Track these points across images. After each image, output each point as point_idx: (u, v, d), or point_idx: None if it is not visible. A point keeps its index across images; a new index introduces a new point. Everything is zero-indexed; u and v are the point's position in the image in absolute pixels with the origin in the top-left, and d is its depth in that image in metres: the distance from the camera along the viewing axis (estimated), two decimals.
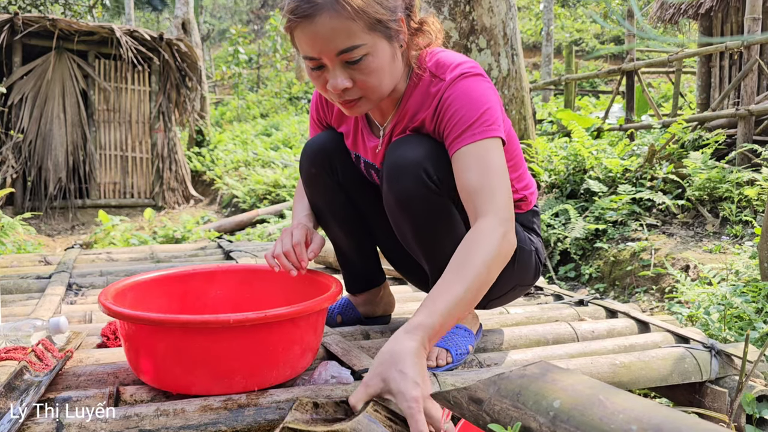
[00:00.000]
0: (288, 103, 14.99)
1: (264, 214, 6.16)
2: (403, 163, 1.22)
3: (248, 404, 1.13)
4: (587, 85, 12.75)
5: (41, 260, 2.80)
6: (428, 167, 1.21)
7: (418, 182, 1.21)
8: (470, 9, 3.75)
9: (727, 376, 1.44)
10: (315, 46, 1.12)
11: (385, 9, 1.13)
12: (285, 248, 1.30)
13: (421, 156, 1.22)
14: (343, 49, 1.11)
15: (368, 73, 1.15)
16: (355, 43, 1.11)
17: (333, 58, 1.12)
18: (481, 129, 1.18)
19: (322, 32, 1.09)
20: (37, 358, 1.23)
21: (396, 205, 1.26)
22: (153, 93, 8.52)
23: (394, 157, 1.24)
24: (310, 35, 1.11)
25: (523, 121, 4.04)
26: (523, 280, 1.45)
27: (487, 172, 1.16)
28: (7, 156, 7.30)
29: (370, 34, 1.12)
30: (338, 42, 1.10)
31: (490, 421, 0.92)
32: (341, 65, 1.14)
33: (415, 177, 1.21)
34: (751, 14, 4.42)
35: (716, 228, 3.08)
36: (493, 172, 1.16)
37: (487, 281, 1.11)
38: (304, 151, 1.47)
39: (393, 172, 1.24)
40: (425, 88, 1.26)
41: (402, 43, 1.20)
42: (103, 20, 13.91)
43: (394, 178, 1.24)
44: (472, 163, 1.17)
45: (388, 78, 1.19)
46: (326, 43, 1.10)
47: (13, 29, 7.34)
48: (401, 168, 1.22)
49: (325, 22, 1.09)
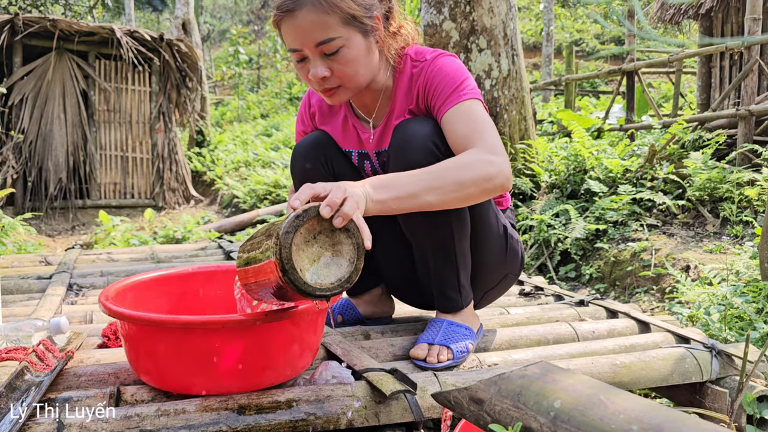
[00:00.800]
0: (288, 104, 15.00)
1: (264, 214, 6.16)
2: (412, 137, 1.30)
3: (249, 404, 1.13)
4: (587, 85, 12.75)
5: (42, 260, 2.80)
6: (437, 140, 1.30)
7: (428, 153, 1.28)
8: (471, 9, 3.75)
9: (727, 376, 1.44)
10: (297, 39, 1.24)
11: (359, 6, 1.25)
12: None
13: (429, 130, 1.31)
14: (321, 41, 1.23)
15: (344, 63, 1.26)
16: (331, 35, 1.23)
17: (313, 50, 1.25)
18: (464, 92, 1.30)
19: (303, 25, 1.22)
20: (38, 358, 1.23)
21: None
22: (153, 93, 8.52)
23: (403, 133, 1.32)
24: (292, 29, 1.24)
25: (524, 121, 4.04)
26: (513, 269, 1.53)
27: (474, 121, 1.27)
28: (7, 156, 7.30)
29: (345, 28, 1.24)
30: (316, 34, 1.23)
31: (491, 422, 0.92)
32: (320, 56, 1.26)
33: (425, 148, 1.28)
34: (751, 14, 4.42)
35: (717, 228, 3.08)
36: (480, 121, 1.28)
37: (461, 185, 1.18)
38: (295, 151, 1.50)
39: (402, 145, 1.31)
40: (409, 72, 1.39)
41: (378, 39, 1.32)
42: (103, 21, 13.92)
43: (403, 149, 1.30)
44: (458, 119, 1.28)
45: (364, 69, 1.30)
46: (306, 35, 1.23)
47: (14, 30, 7.34)
48: (411, 141, 1.30)
49: (304, 16, 1.22)
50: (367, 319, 1.69)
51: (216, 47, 22.11)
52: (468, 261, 1.42)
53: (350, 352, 1.36)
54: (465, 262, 1.41)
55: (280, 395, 1.16)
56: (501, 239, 1.46)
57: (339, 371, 1.29)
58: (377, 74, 1.37)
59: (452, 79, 1.32)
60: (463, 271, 1.41)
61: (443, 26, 3.79)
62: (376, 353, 1.41)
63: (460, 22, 3.76)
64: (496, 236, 1.44)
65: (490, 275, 1.49)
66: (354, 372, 1.28)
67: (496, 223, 1.44)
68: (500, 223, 1.46)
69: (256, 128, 12.25)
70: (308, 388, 1.19)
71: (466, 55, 3.81)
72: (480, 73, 3.83)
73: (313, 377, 1.29)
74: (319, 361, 1.40)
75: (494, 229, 1.43)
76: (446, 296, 1.43)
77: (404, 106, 1.40)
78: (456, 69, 1.34)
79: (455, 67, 1.34)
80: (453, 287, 1.42)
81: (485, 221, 1.40)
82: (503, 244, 1.46)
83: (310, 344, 1.26)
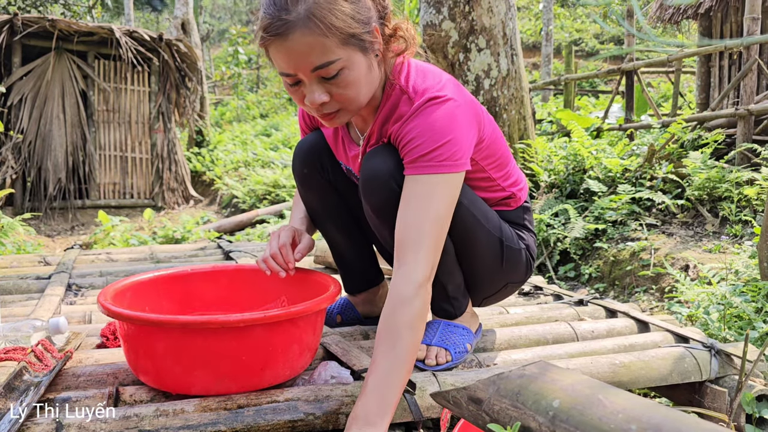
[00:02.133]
0: (288, 104, 15.00)
1: (264, 214, 6.16)
2: (375, 174, 1.24)
3: (247, 404, 1.13)
4: (587, 84, 12.75)
5: (41, 261, 2.80)
6: (399, 177, 1.22)
7: (390, 192, 1.23)
8: (470, 9, 3.74)
9: (726, 375, 1.44)
10: (290, 63, 1.11)
11: (358, 22, 1.12)
12: (272, 251, 1.34)
13: (392, 167, 1.23)
14: (318, 66, 1.10)
15: (345, 86, 1.14)
16: (330, 58, 1.10)
17: (309, 74, 1.12)
18: (435, 162, 1.16)
19: (297, 49, 1.09)
20: (37, 358, 1.23)
21: (374, 215, 1.30)
22: (152, 93, 8.51)
23: (367, 170, 1.26)
24: (284, 52, 1.10)
25: (523, 121, 4.04)
26: (514, 278, 1.47)
27: (423, 214, 1.16)
28: (6, 156, 7.30)
29: (345, 49, 1.11)
30: (313, 58, 1.09)
31: (490, 421, 0.92)
32: (317, 80, 1.13)
33: (387, 188, 1.23)
34: (750, 14, 4.42)
35: (716, 228, 3.08)
36: (429, 216, 1.16)
37: (416, 341, 1.13)
38: (295, 152, 1.50)
39: (367, 185, 1.27)
40: (395, 103, 1.25)
41: (377, 53, 1.19)
42: (102, 21, 13.92)
43: (368, 190, 1.27)
44: (413, 198, 1.17)
45: (365, 88, 1.18)
46: (301, 59, 1.10)
47: (13, 30, 7.34)
48: (374, 180, 1.25)
49: (298, 39, 1.08)
50: (366, 318, 1.68)
51: (215, 47, 22.10)
52: (455, 276, 1.38)
53: (349, 351, 1.36)
54: (450, 278, 1.37)
55: (279, 395, 1.16)
56: (495, 252, 1.38)
57: (338, 371, 1.29)
58: (376, 91, 1.25)
59: (430, 140, 1.16)
60: (451, 285, 1.38)
61: (442, 26, 3.79)
62: None
63: (459, 21, 3.76)
64: (489, 250, 1.37)
65: (486, 286, 1.46)
66: (353, 372, 1.28)
67: (487, 238, 1.36)
68: (494, 237, 1.37)
69: (256, 128, 12.25)
70: (307, 388, 1.19)
71: (466, 54, 3.81)
72: (479, 72, 3.83)
73: (312, 377, 1.29)
74: (318, 361, 1.40)
75: (484, 245, 1.36)
76: (439, 307, 1.43)
77: (379, 135, 1.31)
78: (441, 128, 1.17)
79: (440, 125, 1.17)
80: (444, 300, 1.41)
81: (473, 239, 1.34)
82: (497, 257, 1.39)
83: (309, 344, 1.26)
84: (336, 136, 1.44)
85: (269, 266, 1.33)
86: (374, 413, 1.03)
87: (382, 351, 1.10)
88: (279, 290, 1.49)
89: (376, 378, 1.07)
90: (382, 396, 1.05)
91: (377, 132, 1.30)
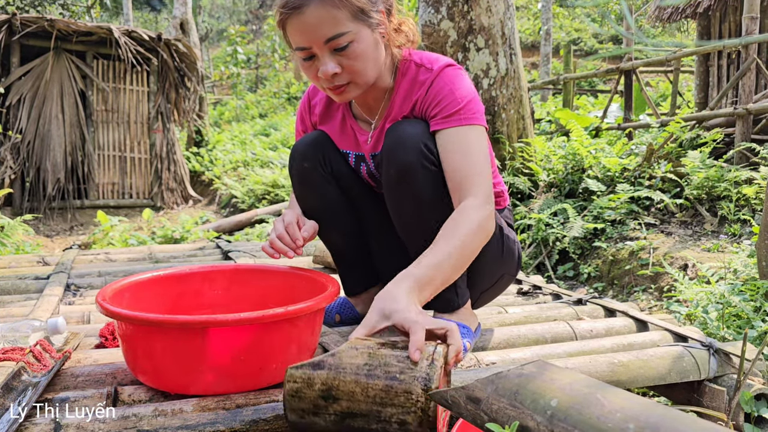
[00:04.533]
0: (287, 103, 14.99)
1: (263, 214, 6.15)
2: (404, 137, 1.29)
3: (246, 404, 1.13)
4: (585, 84, 12.76)
5: (39, 261, 2.80)
6: (428, 142, 1.29)
7: (419, 154, 1.28)
8: (468, 8, 3.74)
9: (725, 374, 1.44)
10: (305, 36, 1.21)
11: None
12: (278, 232, 1.37)
13: (420, 132, 1.30)
14: (331, 37, 1.21)
15: (354, 58, 1.24)
16: (341, 30, 1.20)
17: (322, 46, 1.22)
18: (468, 115, 1.28)
19: (311, 22, 1.20)
20: (35, 358, 1.23)
21: (396, 177, 1.31)
22: (151, 93, 8.51)
23: (395, 134, 1.31)
24: (300, 26, 1.21)
25: (522, 120, 4.04)
26: (510, 269, 1.53)
27: (472, 155, 1.26)
28: (5, 157, 7.29)
29: (354, 22, 1.22)
30: (326, 30, 1.20)
31: (488, 421, 0.92)
32: (330, 52, 1.23)
33: (417, 150, 1.28)
34: (749, 13, 4.42)
35: (714, 227, 3.08)
36: (478, 156, 1.26)
37: (471, 250, 1.20)
38: (293, 150, 1.50)
39: (394, 146, 1.30)
40: (413, 77, 1.35)
41: (383, 33, 1.29)
42: (101, 20, 13.91)
43: (394, 151, 1.30)
44: (457, 145, 1.27)
45: (372, 63, 1.28)
46: (315, 31, 1.20)
47: (11, 29, 7.33)
48: (402, 141, 1.29)
49: (312, 12, 1.19)
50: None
51: (214, 47, 22.09)
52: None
53: None
54: None
55: (278, 395, 1.16)
56: (497, 240, 1.44)
57: None
58: (383, 71, 1.35)
59: (459, 97, 1.28)
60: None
61: (441, 25, 3.79)
62: None
63: (458, 21, 3.76)
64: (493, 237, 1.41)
65: (485, 275, 1.49)
66: None
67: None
68: (496, 224, 1.44)
69: (255, 128, 12.24)
70: None
71: (464, 54, 3.81)
72: (478, 72, 3.83)
73: None
74: None
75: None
76: (442, 297, 1.43)
77: (400, 110, 1.38)
78: (465, 86, 1.30)
79: (464, 84, 1.31)
80: (448, 288, 1.42)
81: None
82: (499, 245, 1.45)
83: (308, 344, 1.26)
84: (343, 126, 1.48)
85: (276, 248, 1.34)
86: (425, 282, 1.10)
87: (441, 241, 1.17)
88: (278, 289, 1.49)
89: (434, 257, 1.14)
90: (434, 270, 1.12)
91: (398, 106, 1.37)
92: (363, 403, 0.91)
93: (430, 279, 1.12)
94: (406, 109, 1.36)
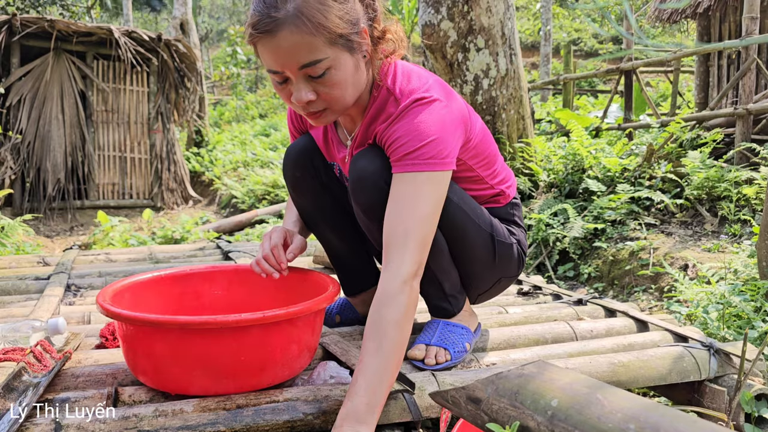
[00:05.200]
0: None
1: (263, 214, 6.15)
2: (363, 175, 1.25)
3: (246, 404, 1.13)
4: (586, 84, 12.77)
5: (40, 261, 2.80)
6: (387, 177, 1.23)
7: (380, 193, 1.23)
8: (468, 9, 3.75)
9: (725, 374, 1.44)
10: (278, 61, 1.12)
11: (346, 23, 1.12)
12: (264, 253, 1.35)
13: (380, 167, 1.24)
14: (305, 64, 1.11)
15: (331, 86, 1.15)
16: (317, 57, 1.11)
17: (296, 72, 1.13)
18: (420, 161, 1.17)
19: (284, 47, 1.10)
20: (36, 359, 1.23)
21: (363, 215, 1.30)
22: (151, 94, 8.50)
23: (356, 171, 1.27)
24: (272, 50, 1.11)
25: (522, 120, 4.04)
26: (507, 273, 1.48)
27: (409, 212, 1.16)
28: (5, 157, 7.29)
29: (332, 48, 1.11)
30: (300, 57, 1.10)
31: (489, 421, 0.92)
32: (304, 78, 1.14)
33: (377, 188, 1.24)
34: (749, 13, 4.42)
35: (715, 227, 3.08)
36: (416, 214, 1.16)
37: (403, 339, 1.13)
38: (286, 156, 1.49)
39: (356, 185, 1.27)
40: (382, 104, 1.26)
41: (365, 54, 1.20)
42: (101, 21, 13.91)
43: (357, 190, 1.27)
44: (399, 196, 1.18)
45: (352, 89, 1.19)
46: (288, 57, 1.10)
47: (11, 30, 7.33)
48: (363, 180, 1.25)
49: (286, 37, 1.09)
50: (365, 318, 1.68)
51: (214, 47, 22.09)
52: (451, 274, 1.39)
53: (348, 351, 1.36)
54: (447, 276, 1.38)
55: (279, 395, 1.16)
56: (487, 248, 1.39)
57: (337, 371, 1.29)
58: (363, 92, 1.26)
59: (415, 140, 1.17)
60: (447, 283, 1.40)
61: (441, 26, 3.79)
62: None
63: (458, 21, 3.76)
64: (480, 246, 1.39)
65: (479, 282, 1.47)
66: (352, 372, 1.28)
67: (478, 234, 1.37)
68: (484, 233, 1.39)
69: (255, 128, 12.24)
70: (306, 388, 1.19)
71: (464, 54, 3.81)
72: (478, 72, 3.83)
73: (311, 377, 1.29)
74: (317, 361, 1.40)
75: (476, 241, 1.37)
76: (437, 306, 1.44)
77: (364, 137, 1.32)
78: (426, 128, 1.18)
79: (425, 125, 1.18)
80: (441, 299, 1.42)
81: (463, 236, 1.35)
82: (490, 253, 1.40)
83: (309, 344, 1.26)
84: (326, 138, 1.45)
85: (262, 268, 1.34)
86: (363, 411, 1.04)
87: (369, 350, 1.10)
88: (278, 290, 1.49)
89: (365, 378, 1.07)
90: (370, 395, 1.05)
91: (363, 133, 1.31)
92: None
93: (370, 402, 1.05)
94: (369, 136, 1.30)
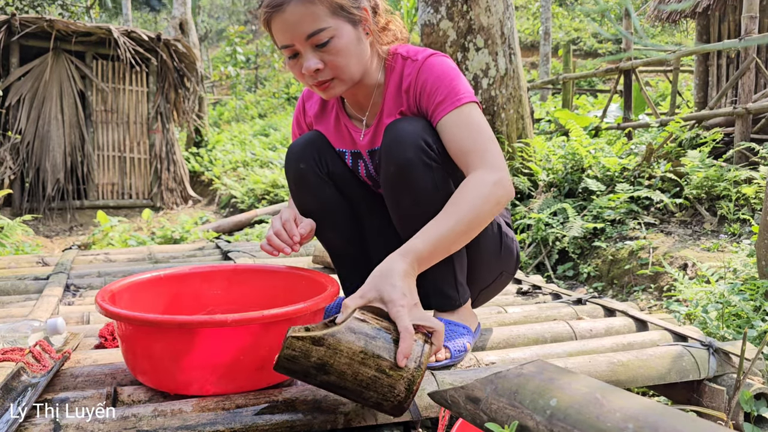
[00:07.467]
0: (286, 103, 14.99)
1: (262, 214, 6.15)
2: (402, 134, 1.30)
3: (246, 404, 1.13)
4: (585, 84, 12.76)
5: (39, 261, 2.80)
6: (427, 138, 1.30)
7: (419, 151, 1.28)
8: (467, 8, 3.74)
9: (725, 374, 1.44)
10: (287, 34, 1.26)
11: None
12: (275, 229, 1.38)
13: (419, 128, 1.31)
14: (311, 33, 1.25)
15: (336, 54, 1.27)
16: (320, 26, 1.24)
17: (303, 43, 1.26)
18: (459, 96, 1.30)
19: (292, 19, 1.24)
20: (35, 359, 1.23)
21: (396, 174, 1.32)
22: (151, 93, 8.50)
23: (393, 132, 1.32)
24: (282, 24, 1.26)
25: (521, 120, 4.04)
26: (508, 267, 1.53)
27: (475, 132, 1.27)
28: (4, 157, 7.29)
29: (334, 18, 1.26)
30: (306, 27, 1.24)
31: (488, 420, 0.92)
32: (312, 49, 1.27)
33: (416, 146, 1.28)
34: (748, 13, 4.42)
35: (714, 226, 3.08)
36: (481, 131, 1.28)
37: (479, 219, 1.20)
38: (289, 152, 1.50)
39: (393, 144, 1.31)
40: (401, 71, 1.38)
41: (367, 30, 1.33)
42: (100, 21, 13.91)
43: (393, 148, 1.30)
44: (458, 127, 1.28)
45: (356, 59, 1.31)
46: (296, 28, 1.25)
47: (11, 30, 7.32)
48: (401, 138, 1.30)
49: (293, 10, 1.24)
50: None
51: (213, 47, 22.09)
52: (464, 259, 1.42)
53: None
54: (461, 260, 1.41)
55: (278, 395, 1.16)
56: (495, 237, 1.46)
57: None
58: (369, 68, 1.37)
59: (447, 82, 1.31)
60: (459, 268, 1.41)
61: (440, 25, 3.79)
62: None
63: (457, 21, 3.76)
64: (491, 234, 1.44)
65: (484, 273, 1.49)
66: None
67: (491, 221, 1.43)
68: (494, 222, 1.46)
69: (254, 128, 12.24)
70: (305, 388, 1.19)
71: (464, 54, 3.81)
72: (477, 72, 3.83)
73: None
74: None
75: (487, 229, 1.41)
76: (444, 294, 1.43)
77: (395, 105, 1.39)
78: (449, 70, 1.33)
79: (448, 68, 1.34)
80: (450, 285, 1.42)
81: None
82: (497, 242, 1.46)
83: None
84: (338, 125, 1.49)
85: (274, 245, 1.36)
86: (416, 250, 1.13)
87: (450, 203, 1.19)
88: (278, 289, 1.49)
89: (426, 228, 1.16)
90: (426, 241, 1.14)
91: (391, 100, 1.39)
92: (350, 382, 1.01)
93: (431, 254, 1.15)
94: (401, 105, 1.38)
